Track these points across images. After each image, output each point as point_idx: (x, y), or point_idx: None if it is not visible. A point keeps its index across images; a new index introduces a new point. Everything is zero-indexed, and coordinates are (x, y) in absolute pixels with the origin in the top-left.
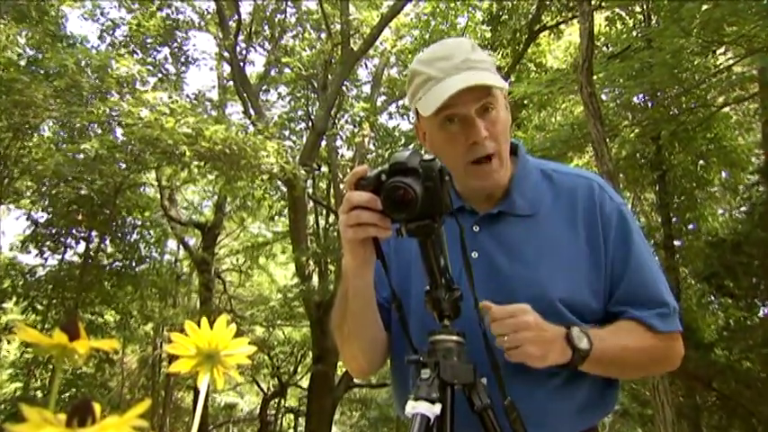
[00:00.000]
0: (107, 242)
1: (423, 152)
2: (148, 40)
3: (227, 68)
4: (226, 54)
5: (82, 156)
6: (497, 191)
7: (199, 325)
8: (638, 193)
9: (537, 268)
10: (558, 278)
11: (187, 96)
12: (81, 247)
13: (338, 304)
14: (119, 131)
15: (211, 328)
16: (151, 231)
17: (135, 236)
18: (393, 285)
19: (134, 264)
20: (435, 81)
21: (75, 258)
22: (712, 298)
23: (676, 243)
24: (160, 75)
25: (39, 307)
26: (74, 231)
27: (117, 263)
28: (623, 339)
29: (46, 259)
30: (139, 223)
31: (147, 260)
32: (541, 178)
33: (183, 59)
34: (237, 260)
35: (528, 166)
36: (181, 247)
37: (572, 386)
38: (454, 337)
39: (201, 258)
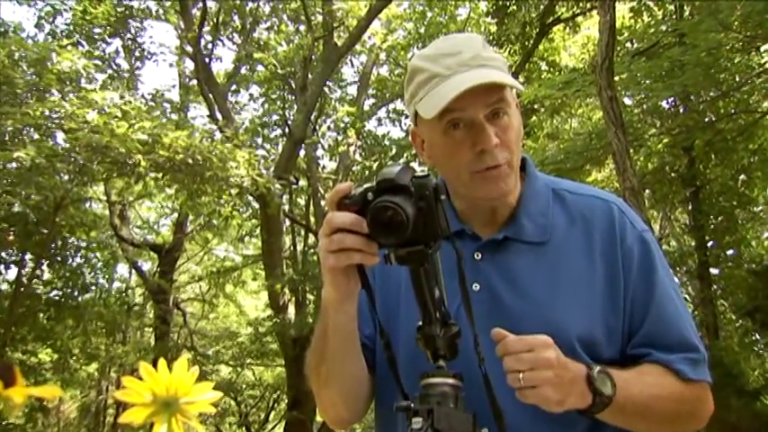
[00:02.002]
0: (44, 267)
1: (416, 167)
2: (96, 31)
3: (189, 65)
4: (188, 48)
5: (14, 165)
6: (503, 210)
7: (155, 366)
8: (667, 213)
9: (549, 305)
10: (572, 316)
11: (142, 97)
12: (12, 274)
13: (316, 343)
14: (60, 137)
15: (170, 370)
16: (98, 254)
17: (78, 259)
18: (380, 320)
19: (76, 293)
20: (440, 79)
21: (5, 286)
22: (757, 336)
23: (713, 271)
24: (110, 71)
25: None
26: (3, 254)
27: (56, 291)
28: (649, 386)
29: None
30: (84, 245)
31: (93, 288)
32: (553, 199)
33: (137, 53)
34: (200, 288)
35: (538, 185)
36: (133, 272)
37: None
38: (450, 381)
39: (158, 286)
